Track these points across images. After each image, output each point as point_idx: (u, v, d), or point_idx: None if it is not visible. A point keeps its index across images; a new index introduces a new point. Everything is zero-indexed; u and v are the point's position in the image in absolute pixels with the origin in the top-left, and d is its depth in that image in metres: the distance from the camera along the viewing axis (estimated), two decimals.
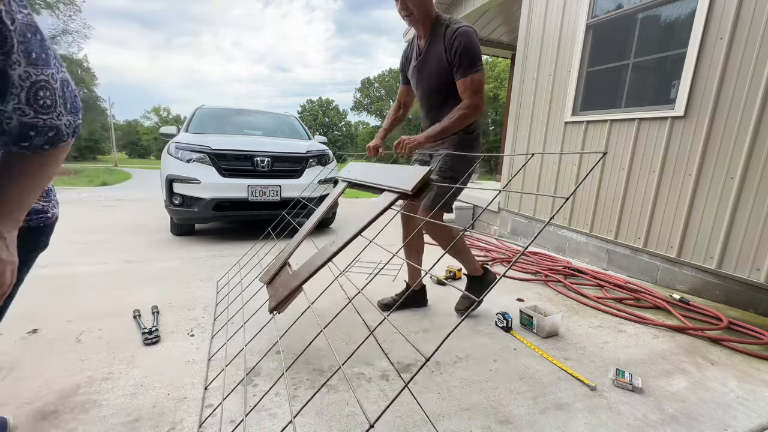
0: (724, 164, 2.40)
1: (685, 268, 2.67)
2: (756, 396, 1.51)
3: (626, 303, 2.43)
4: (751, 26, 2.26)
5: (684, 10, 2.65)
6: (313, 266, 1.54)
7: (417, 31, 1.88)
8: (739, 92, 2.31)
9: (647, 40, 2.91)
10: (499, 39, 7.09)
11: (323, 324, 2.01)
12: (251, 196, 3.64)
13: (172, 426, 1.24)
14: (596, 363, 1.70)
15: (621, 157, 3.03)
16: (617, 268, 3.13)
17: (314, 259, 1.57)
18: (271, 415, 1.31)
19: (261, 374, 1.54)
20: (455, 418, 1.32)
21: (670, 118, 2.67)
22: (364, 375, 1.56)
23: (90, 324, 1.91)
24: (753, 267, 2.28)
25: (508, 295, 2.43)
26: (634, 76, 3.01)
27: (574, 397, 1.46)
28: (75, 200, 7.44)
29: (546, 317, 1.94)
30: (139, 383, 1.45)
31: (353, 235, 1.45)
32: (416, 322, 2.07)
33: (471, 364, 1.67)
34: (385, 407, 0.86)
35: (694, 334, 2.01)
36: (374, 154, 2.13)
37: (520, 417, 1.34)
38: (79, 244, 3.50)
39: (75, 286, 2.44)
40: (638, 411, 1.39)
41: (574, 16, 3.42)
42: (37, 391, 1.38)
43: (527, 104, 4.05)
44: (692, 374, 1.65)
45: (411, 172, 1.44)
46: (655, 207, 2.81)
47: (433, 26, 1.81)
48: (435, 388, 1.48)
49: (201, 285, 2.56)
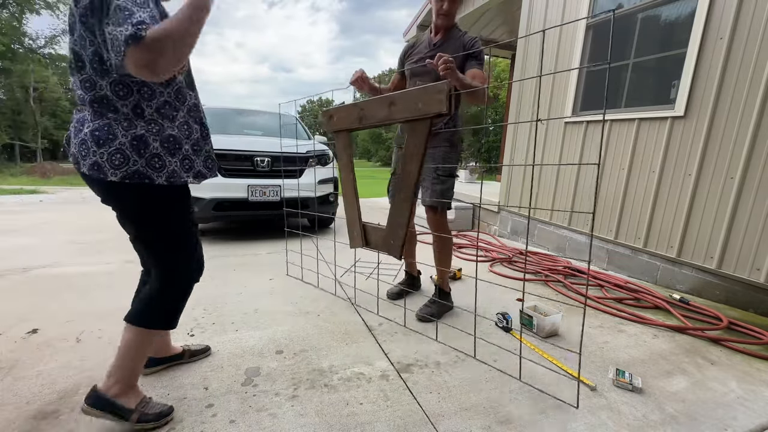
0: (724, 164, 2.40)
1: (685, 268, 2.67)
2: (756, 396, 1.51)
3: (626, 303, 2.43)
4: (751, 26, 2.26)
5: (684, 10, 2.65)
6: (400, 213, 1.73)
7: (437, 28, 2.08)
8: (739, 92, 2.31)
9: (647, 40, 2.91)
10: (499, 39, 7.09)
11: (323, 323, 2.01)
12: (251, 196, 3.64)
13: (172, 426, 1.24)
14: (596, 363, 1.70)
15: (621, 157, 3.03)
16: (617, 268, 3.13)
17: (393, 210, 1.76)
18: (271, 415, 1.31)
19: (261, 374, 1.54)
20: (455, 418, 1.32)
21: (670, 118, 2.67)
22: (364, 375, 1.56)
23: (90, 324, 1.91)
24: (753, 267, 2.28)
25: (508, 295, 2.43)
26: (634, 76, 3.01)
27: (574, 397, 1.46)
28: (75, 200, 7.45)
29: (546, 317, 1.94)
30: (139, 383, 1.45)
31: (419, 165, 1.61)
32: (416, 322, 2.07)
33: (471, 364, 1.67)
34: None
35: (694, 334, 2.01)
36: (362, 85, 2.04)
37: (520, 417, 1.34)
38: (79, 244, 3.50)
39: (75, 286, 2.44)
40: (638, 411, 1.39)
41: (574, 16, 3.42)
42: (37, 391, 1.38)
43: (527, 104, 4.05)
44: (692, 374, 1.65)
45: (427, 91, 1.52)
46: (655, 207, 2.81)
47: (451, 29, 2.08)
48: (435, 388, 1.48)
49: (201, 285, 2.54)
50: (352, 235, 1.99)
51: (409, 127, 1.64)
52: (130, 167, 1.11)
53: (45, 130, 28.67)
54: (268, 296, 2.36)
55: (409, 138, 1.64)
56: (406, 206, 1.71)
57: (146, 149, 1.14)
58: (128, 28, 0.93)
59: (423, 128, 1.58)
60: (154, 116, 1.16)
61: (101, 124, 1.10)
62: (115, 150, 1.10)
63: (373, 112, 1.74)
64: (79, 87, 1.12)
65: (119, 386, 1.22)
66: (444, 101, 1.46)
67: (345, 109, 1.87)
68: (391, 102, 1.64)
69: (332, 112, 1.91)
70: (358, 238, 1.98)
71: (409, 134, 1.64)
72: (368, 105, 1.78)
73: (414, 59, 2.12)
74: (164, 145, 1.17)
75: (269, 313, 2.13)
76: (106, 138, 1.10)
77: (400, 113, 1.63)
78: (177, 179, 1.19)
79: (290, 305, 2.23)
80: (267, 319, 2.05)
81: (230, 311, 2.12)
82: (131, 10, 0.95)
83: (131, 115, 1.13)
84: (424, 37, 2.17)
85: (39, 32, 21.90)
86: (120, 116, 1.12)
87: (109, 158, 1.09)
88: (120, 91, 1.11)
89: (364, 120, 1.78)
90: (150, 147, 1.14)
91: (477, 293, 1.74)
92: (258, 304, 2.23)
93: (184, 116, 1.24)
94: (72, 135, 1.15)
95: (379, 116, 1.72)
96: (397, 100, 1.63)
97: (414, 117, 1.59)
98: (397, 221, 1.75)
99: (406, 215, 1.72)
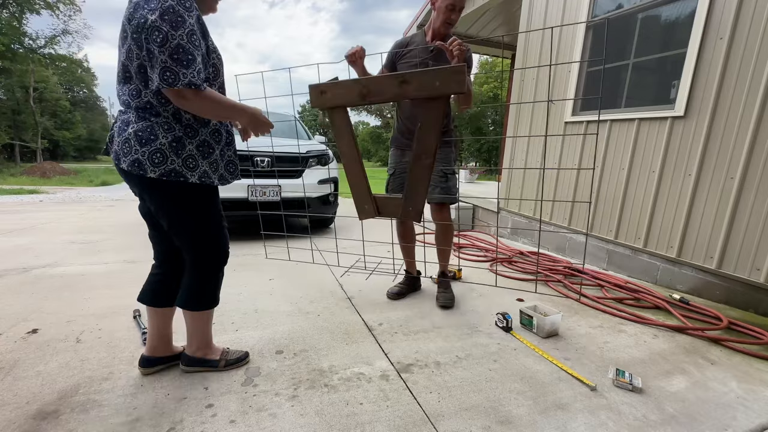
0: (724, 164, 2.40)
1: (685, 268, 2.67)
2: (756, 396, 1.51)
3: (626, 303, 2.43)
4: (751, 26, 2.26)
5: (684, 10, 2.65)
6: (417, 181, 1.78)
7: (437, 34, 2.13)
8: (739, 92, 2.31)
9: (647, 40, 2.91)
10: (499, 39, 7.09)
11: (323, 323, 2.00)
12: (251, 196, 3.64)
13: (172, 426, 1.24)
14: (596, 363, 1.70)
15: (621, 157, 3.03)
16: (617, 268, 3.13)
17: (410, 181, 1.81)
18: (271, 415, 1.31)
19: (261, 374, 1.54)
20: (455, 418, 1.32)
21: (670, 118, 2.67)
22: (364, 375, 1.56)
23: (90, 324, 1.91)
24: (753, 267, 2.28)
25: (508, 295, 2.43)
26: (634, 76, 3.01)
27: (574, 397, 1.46)
28: (75, 200, 7.45)
29: (546, 317, 1.94)
30: (139, 383, 1.45)
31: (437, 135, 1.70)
32: (416, 321, 2.07)
33: (471, 364, 1.67)
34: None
35: (694, 334, 2.01)
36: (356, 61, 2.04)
37: (520, 417, 1.34)
38: (79, 244, 3.50)
39: (75, 286, 2.44)
40: (638, 411, 1.39)
41: (574, 16, 3.42)
42: (37, 391, 1.38)
43: (527, 104, 4.05)
44: (692, 374, 1.65)
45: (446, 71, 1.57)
46: (655, 207, 2.81)
47: (447, 35, 2.13)
48: (435, 388, 1.48)
49: None
50: (361, 208, 1.96)
51: (425, 104, 1.71)
52: (168, 165, 1.24)
53: (45, 130, 28.69)
54: (268, 296, 2.36)
55: (425, 114, 1.71)
56: (427, 173, 1.78)
57: (183, 150, 1.27)
58: (194, 76, 1.15)
59: (439, 105, 1.67)
60: (191, 122, 1.30)
61: (144, 125, 1.23)
62: (156, 149, 1.23)
63: (381, 88, 1.72)
64: (126, 94, 1.26)
65: (201, 350, 1.53)
66: (463, 82, 1.54)
67: (343, 84, 1.80)
68: (404, 80, 1.66)
69: (325, 88, 1.82)
70: (369, 209, 1.95)
71: (425, 111, 1.71)
72: (373, 81, 1.77)
73: (412, 62, 2.13)
74: (199, 148, 1.31)
75: (269, 313, 2.13)
76: (149, 138, 1.22)
77: (415, 91, 1.67)
78: (207, 179, 1.33)
79: (290, 305, 2.23)
80: (267, 319, 2.05)
81: (230, 311, 2.12)
82: (193, 55, 1.16)
83: (171, 119, 1.27)
84: (416, 39, 2.19)
85: (39, 32, 21.81)
86: (161, 120, 1.25)
87: (150, 156, 1.22)
88: (162, 98, 1.23)
89: (368, 96, 1.74)
90: (186, 148, 1.28)
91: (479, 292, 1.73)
92: (258, 304, 2.23)
93: (215, 123, 1.38)
94: (116, 134, 1.27)
95: (389, 93, 1.72)
96: (412, 79, 1.66)
97: (431, 95, 1.65)
98: (415, 187, 1.80)
99: (426, 182, 1.79)
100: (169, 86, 1.14)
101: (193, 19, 1.17)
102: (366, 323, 2.04)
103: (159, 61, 1.13)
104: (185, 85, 1.14)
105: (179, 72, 1.14)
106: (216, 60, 1.36)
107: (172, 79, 1.14)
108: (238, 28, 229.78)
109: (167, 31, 1.11)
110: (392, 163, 2.37)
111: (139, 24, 1.13)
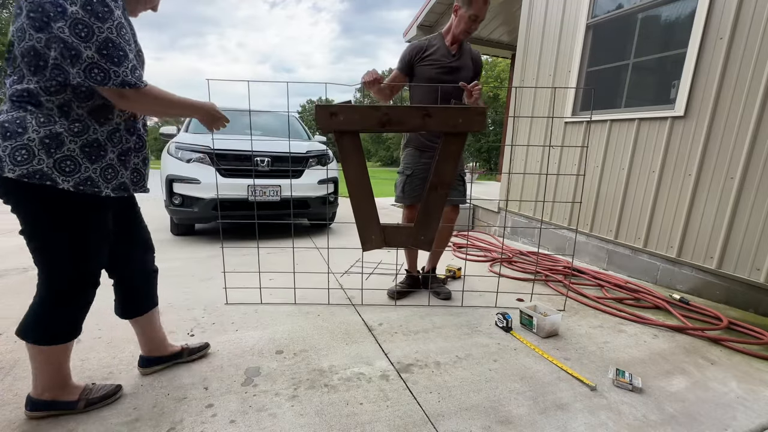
0: (724, 164, 2.40)
1: (685, 268, 2.67)
2: (756, 396, 1.51)
3: (626, 303, 2.43)
4: (751, 26, 2.26)
5: (684, 10, 2.65)
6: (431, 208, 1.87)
7: (456, 40, 2.17)
8: (739, 92, 2.31)
9: (647, 40, 2.91)
10: (499, 39, 7.09)
11: (323, 323, 2.00)
12: (251, 196, 3.64)
13: (172, 426, 1.24)
14: (596, 363, 1.70)
15: (621, 157, 3.03)
16: (617, 268, 3.13)
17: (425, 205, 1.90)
18: (271, 415, 1.31)
19: (261, 374, 1.54)
20: (455, 418, 1.32)
21: (670, 118, 2.67)
22: (364, 375, 1.56)
23: (90, 324, 1.91)
24: (753, 267, 2.28)
25: (508, 295, 2.43)
26: (634, 76, 3.01)
27: (574, 397, 1.46)
28: None
29: (546, 317, 1.94)
30: (139, 383, 1.45)
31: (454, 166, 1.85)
32: (416, 321, 2.07)
33: (471, 364, 1.67)
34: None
35: (694, 334, 2.01)
36: (372, 85, 2.02)
37: (520, 417, 1.34)
38: None
39: None
40: (638, 411, 1.39)
41: (574, 15, 3.42)
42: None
43: (527, 104, 4.05)
44: (692, 374, 1.65)
45: (469, 111, 1.73)
46: (655, 207, 2.81)
47: (463, 41, 2.22)
48: (435, 388, 1.48)
49: (201, 285, 2.56)
50: (368, 238, 1.91)
51: (446, 138, 1.80)
52: (33, 166, 1.03)
53: None
54: (267, 296, 2.36)
55: (445, 145, 1.80)
56: (442, 203, 1.84)
57: (59, 149, 1.06)
58: (127, 74, 1.05)
59: (460, 140, 1.79)
60: (83, 117, 1.10)
61: (15, 116, 1.03)
62: (21, 145, 1.02)
63: (402, 119, 1.74)
64: (8, 76, 1.07)
65: (50, 392, 1.23)
66: (484, 122, 1.67)
67: (360, 110, 1.73)
68: (427, 114, 1.72)
69: (336, 110, 1.74)
70: (377, 239, 1.93)
71: (445, 142, 1.79)
72: (395, 111, 1.75)
73: (435, 65, 2.16)
74: (85, 149, 1.10)
75: (269, 313, 2.13)
76: (15, 131, 1.02)
77: (437, 125, 1.75)
78: (90, 188, 1.10)
79: (290, 305, 2.23)
80: (267, 319, 2.05)
81: (230, 311, 2.12)
82: (124, 51, 1.04)
83: (56, 112, 1.06)
84: (436, 42, 2.19)
85: None
86: (42, 112, 1.05)
87: (12, 152, 1.01)
88: (52, 87, 1.04)
89: (388, 125, 1.73)
90: (64, 148, 1.06)
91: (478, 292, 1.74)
92: (257, 304, 2.23)
93: (117, 123, 1.18)
94: None
95: (410, 125, 1.77)
96: (435, 114, 1.73)
97: (452, 131, 1.75)
98: (429, 216, 1.84)
99: (440, 212, 1.84)
100: (98, 85, 1.03)
101: (119, 10, 1.05)
102: (366, 323, 2.04)
103: (85, 57, 0.99)
104: (118, 84, 1.03)
105: (109, 70, 1.02)
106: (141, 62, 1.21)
107: (100, 77, 1.01)
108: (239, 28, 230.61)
109: (92, 23, 0.98)
110: (409, 164, 2.31)
111: (45, 7, 0.96)
